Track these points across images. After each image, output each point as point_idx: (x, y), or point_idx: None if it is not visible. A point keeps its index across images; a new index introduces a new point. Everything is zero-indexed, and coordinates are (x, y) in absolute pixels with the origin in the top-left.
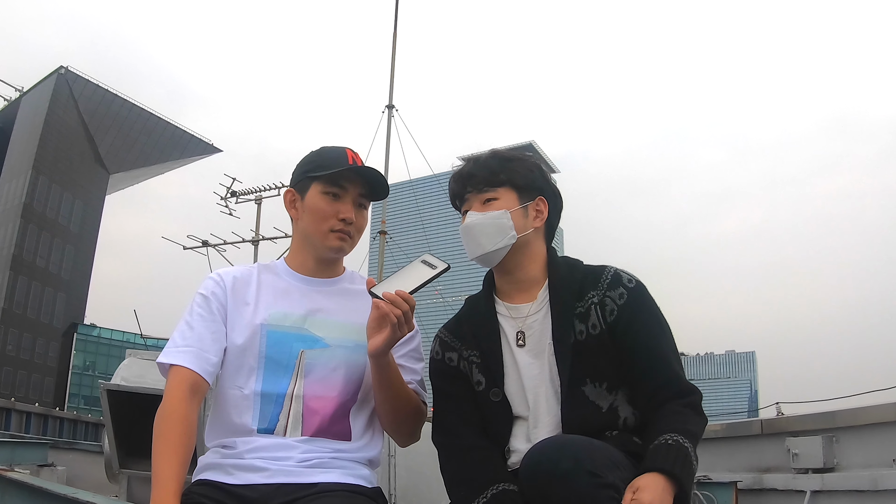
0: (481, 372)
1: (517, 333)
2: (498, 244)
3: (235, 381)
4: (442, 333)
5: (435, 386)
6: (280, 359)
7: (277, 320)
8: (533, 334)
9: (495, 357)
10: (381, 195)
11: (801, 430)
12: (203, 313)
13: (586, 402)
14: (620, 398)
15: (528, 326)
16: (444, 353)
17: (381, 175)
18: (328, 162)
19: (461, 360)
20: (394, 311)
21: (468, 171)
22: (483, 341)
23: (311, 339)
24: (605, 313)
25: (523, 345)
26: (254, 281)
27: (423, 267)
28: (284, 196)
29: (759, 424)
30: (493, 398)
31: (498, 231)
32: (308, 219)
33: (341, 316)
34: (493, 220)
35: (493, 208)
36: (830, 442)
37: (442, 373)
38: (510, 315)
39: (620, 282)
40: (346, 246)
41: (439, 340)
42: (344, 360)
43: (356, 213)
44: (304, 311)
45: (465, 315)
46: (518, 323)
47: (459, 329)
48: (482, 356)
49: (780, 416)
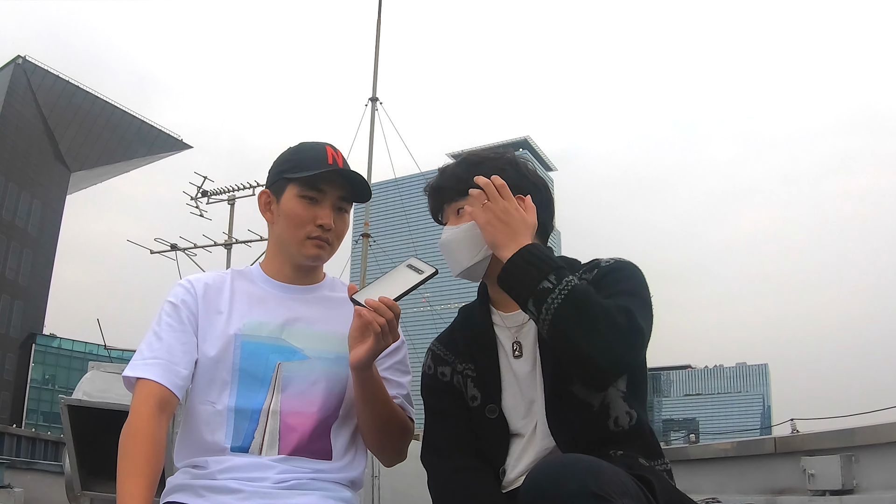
0: (477, 387)
1: (513, 344)
2: (475, 258)
3: (207, 395)
4: (435, 346)
5: (426, 403)
6: (255, 372)
7: (252, 330)
8: (530, 343)
9: (492, 370)
10: (364, 198)
11: (818, 448)
12: (172, 323)
13: (575, 402)
14: (613, 394)
15: (525, 335)
16: (437, 368)
17: (359, 176)
18: (305, 162)
19: (455, 375)
20: (377, 319)
21: (436, 184)
22: (479, 354)
23: (288, 350)
24: None
25: (520, 355)
26: (227, 288)
27: (408, 272)
28: (259, 197)
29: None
30: (488, 415)
31: (472, 244)
32: (283, 224)
33: (321, 325)
34: (465, 232)
35: (465, 219)
36: (849, 462)
37: (433, 389)
38: (505, 325)
39: (598, 264)
40: (323, 254)
41: (431, 354)
42: (324, 372)
43: (335, 218)
44: (282, 321)
45: (459, 326)
46: (513, 332)
47: (453, 341)
48: (478, 370)
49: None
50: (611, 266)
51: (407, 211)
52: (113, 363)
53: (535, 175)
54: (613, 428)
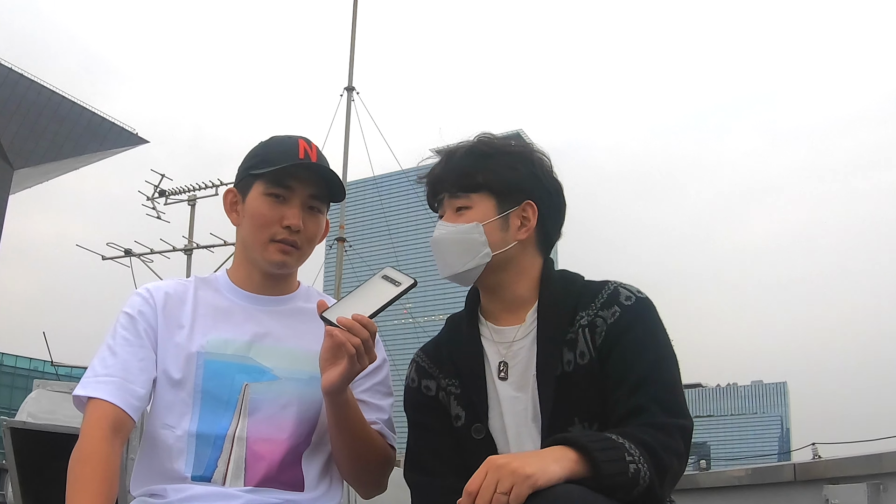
0: (461, 405)
1: (499, 364)
2: (468, 264)
3: (166, 419)
4: (419, 358)
5: (409, 418)
6: (220, 393)
7: (217, 347)
8: (518, 364)
9: (478, 388)
10: (338, 197)
11: (843, 476)
12: (128, 336)
13: None
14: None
15: (514, 354)
16: (421, 381)
17: (332, 172)
18: (274, 156)
19: (439, 390)
20: (351, 339)
21: (438, 173)
22: (464, 369)
23: (256, 370)
24: (595, 336)
25: (505, 377)
26: (189, 298)
27: (384, 284)
28: (224, 197)
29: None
30: (475, 435)
31: (468, 248)
32: (248, 225)
33: (294, 342)
34: (462, 234)
35: (464, 219)
36: (877, 491)
37: (418, 403)
38: (494, 339)
39: (617, 299)
40: (290, 260)
41: (415, 366)
42: (296, 395)
43: (306, 219)
44: (249, 337)
45: (445, 338)
46: (502, 350)
47: (438, 354)
48: (463, 387)
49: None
50: (633, 316)
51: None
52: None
53: (551, 177)
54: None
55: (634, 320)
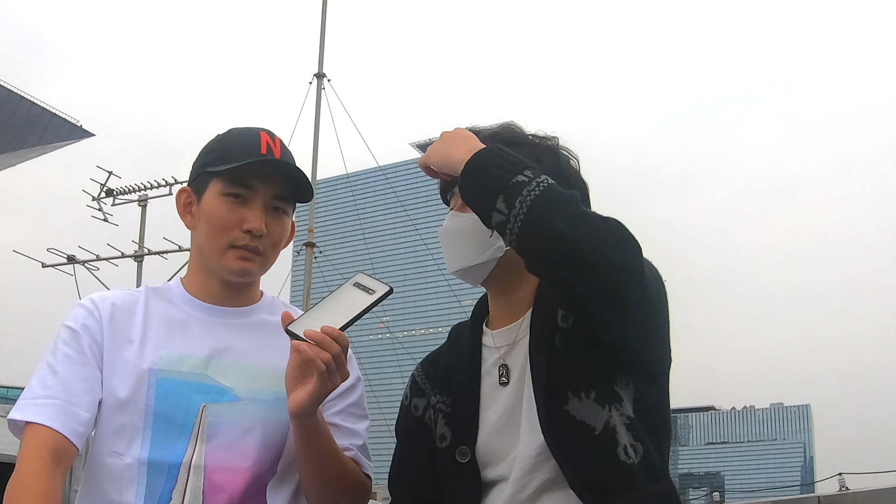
0: (448, 424)
1: (499, 369)
2: (480, 256)
3: (114, 445)
4: (416, 372)
5: (396, 436)
6: (174, 416)
7: (171, 364)
8: (518, 367)
9: (470, 404)
10: (305, 197)
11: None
12: (71, 353)
13: (573, 425)
14: (616, 416)
15: (515, 356)
16: (412, 400)
17: (298, 169)
18: (233, 151)
19: (427, 409)
20: (321, 355)
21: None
22: (458, 384)
23: (215, 389)
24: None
25: (507, 382)
26: (139, 310)
27: (356, 292)
28: (177, 197)
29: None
30: (459, 458)
31: (480, 239)
32: (204, 229)
33: (257, 358)
34: (475, 224)
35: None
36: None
37: (403, 424)
38: (494, 344)
39: None
40: (251, 267)
41: (411, 381)
42: (260, 418)
43: (269, 222)
44: (207, 352)
45: (446, 349)
46: (502, 354)
47: (435, 367)
48: (454, 404)
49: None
50: None
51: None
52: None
53: (577, 177)
54: (625, 458)
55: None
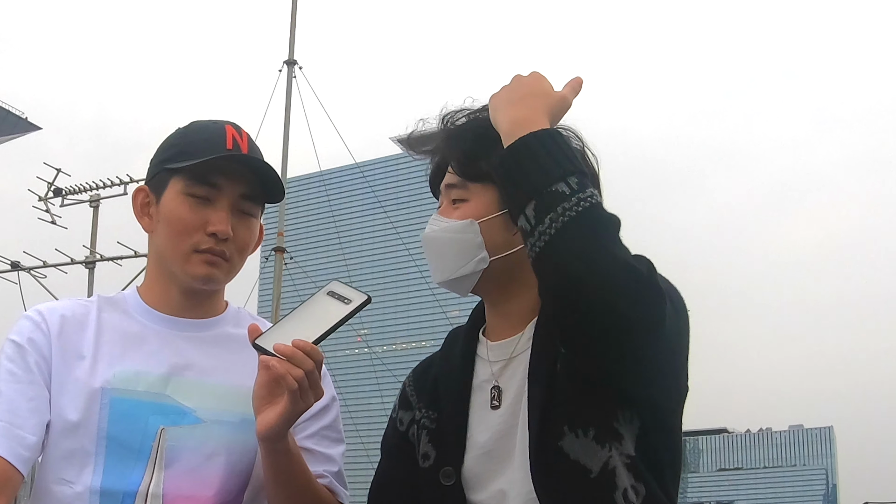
0: (432, 441)
1: (491, 390)
2: (462, 269)
3: (62, 472)
4: (406, 382)
5: (381, 453)
6: (129, 440)
7: (126, 382)
8: (512, 387)
9: (457, 421)
10: (275, 196)
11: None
12: (16, 370)
13: (566, 464)
14: (617, 456)
15: (510, 375)
16: (399, 413)
17: (267, 165)
18: (195, 147)
19: (412, 424)
20: (292, 371)
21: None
22: (445, 398)
23: (175, 410)
24: None
25: (498, 405)
26: (91, 322)
27: (330, 302)
28: (134, 197)
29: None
30: (443, 480)
31: (462, 250)
32: (164, 232)
33: (221, 376)
34: (454, 234)
35: (458, 214)
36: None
37: (387, 439)
38: (489, 358)
39: None
40: (217, 273)
41: (401, 391)
42: (224, 442)
43: (235, 224)
44: (166, 369)
45: (438, 356)
46: (496, 370)
47: (425, 377)
48: (439, 420)
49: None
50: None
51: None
52: None
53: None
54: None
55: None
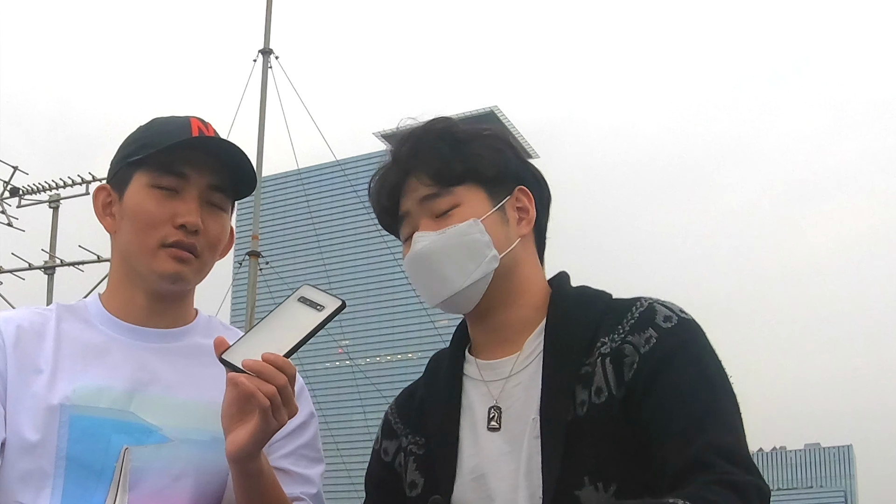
0: (420, 468)
1: (489, 410)
2: (474, 273)
3: (18, 494)
4: (389, 410)
5: (365, 490)
6: (91, 460)
7: (87, 398)
8: (513, 407)
9: (446, 447)
10: (246, 187)
11: None
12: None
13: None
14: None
15: (508, 395)
16: (382, 442)
17: (239, 151)
18: (159, 138)
19: (398, 453)
20: (262, 387)
21: (403, 169)
22: (433, 421)
23: (140, 428)
24: (621, 369)
25: (497, 427)
26: (50, 333)
27: (301, 309)
28: (95, 196)
29: None
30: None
31: (470, 253)
32: (129, 229)
33: (190, 391)
34: (461, 237)
35: (454, 220)
36: None
37: (372, 472)
38: (482, 378)
39: (653, 320)
40: (187, 271)
41: (383, 421)
42: (193, 462)
43: (206, 216)
44: (130, 384)
45: (423, 381)
46: (493, 390)
47: (410, 403)
48: (427, 445)
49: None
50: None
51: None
52: None
53: (533, 166)
54: None
55: (678, 348)
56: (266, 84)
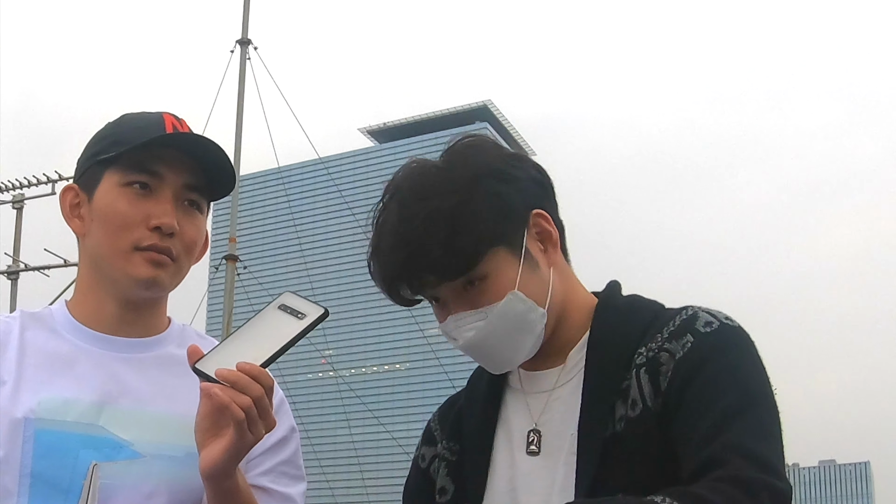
0: (451, 474)
1: (528, 433)
2: (529, 342)
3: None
4: (432, 418)
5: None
6: (57, 477)
7: (53, 411)
8: (551, 422)
9: (479, 454)
10: (223, 186)
11: None
12: None
13: None
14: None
15: (549, 409)
16: (421, 448)
17: (217, 148)
18: (130, 135)
19: (434, 460)
20: (237, 399)
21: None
22: (469, 427)
23: (109, 443)
24: (657, 378)
25: (536, 451)
26: (13, 342)
27: (281, 317)
28: (62, 197)
29: None
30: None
31: (520, 329)
32: (99, 232)
33: (163, 404)
34: (507, 319)
35: (488, 294)
36: None
37: (408, 485)
38: (523, 389)
39: (693, 325)
40: (162, 276)
41: (425, 428)
42: (166, 479)
43: (181, 217)
44: (99, 397)
45: (466, 389)
46: (533, 405)
47: (450, 411)
48: (461, 451)
49: None
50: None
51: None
52: None
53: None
54: None
55: (714, 351)
56: (244, 76)
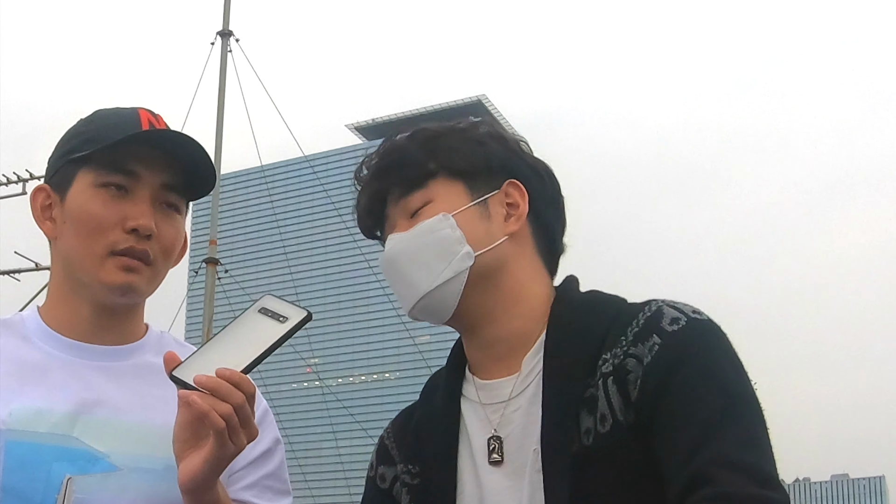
0: (414, 500)
1: (489, 441)
2: (443, 273)
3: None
4: (385, 433)
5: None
6: (29, 492)
7: (25, 423)
8: (512, 435)
9: (444, 477)
10: (204, 186)
11: None
12: None
13: None
14: None
15: (507, 421)
16: (377, 468)
17: (197, 145)
18: (105, 132)
19: (395, 481)
20: (217, 407)
21: (378, 172)
22: (428, 447)
23: (84, 455)
24: (626, 388)
25: (500, 460)
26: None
27: (261, 321)
28: (33, 198)
29: None
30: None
31: (438, 251)
32: (72, 234)
33: (140, 414)
34: (426, 235)
35: (424, 217)
36: None
37: (367, 502)
38: (480, 401)
39: (658, 324)
40: (138, 281)
41: (378, 444)
42: (144, 493)
43: (159, 219)
44: (73, 407)
45: (420, 402)
46: (492, 415)
47: (406, 427)
48: (422, 474)
49: None
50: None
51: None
52: None
53: (533, 157)
54: None
55: (685, 352)
56: (225, 70)
